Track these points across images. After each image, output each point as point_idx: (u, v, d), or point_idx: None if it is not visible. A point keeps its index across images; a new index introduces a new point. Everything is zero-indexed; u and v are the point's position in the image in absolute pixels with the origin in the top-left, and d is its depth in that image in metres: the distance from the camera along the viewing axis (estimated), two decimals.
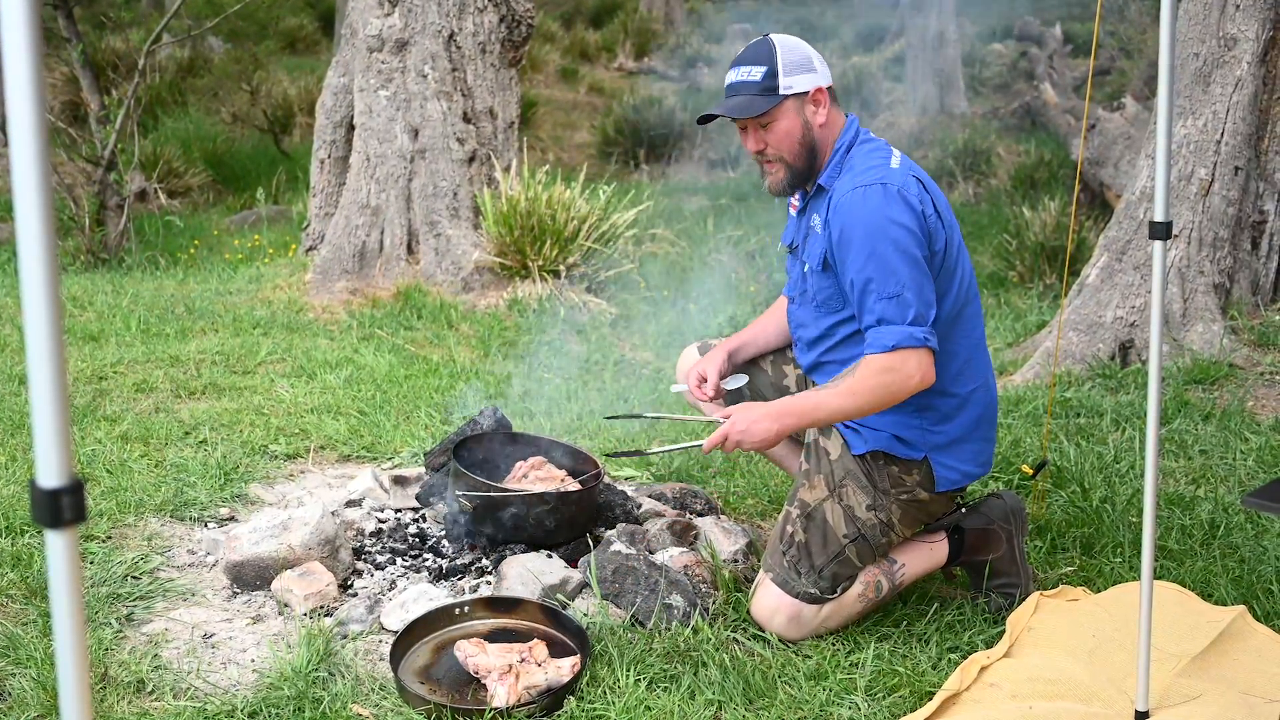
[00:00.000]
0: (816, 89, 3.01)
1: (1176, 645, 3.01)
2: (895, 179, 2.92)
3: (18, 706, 2.64)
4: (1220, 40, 5.64)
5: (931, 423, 3.05)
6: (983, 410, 3.10)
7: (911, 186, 2.92)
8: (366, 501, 3.84)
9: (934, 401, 3.04)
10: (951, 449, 3.07)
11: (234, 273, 7.52)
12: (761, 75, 2.99)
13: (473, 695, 2.79)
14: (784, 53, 3.00)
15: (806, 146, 3.05)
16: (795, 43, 3.05)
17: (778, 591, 3.05)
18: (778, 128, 3.02)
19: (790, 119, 3.01)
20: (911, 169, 3.00)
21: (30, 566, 3.27)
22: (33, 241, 1.24)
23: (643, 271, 7.15)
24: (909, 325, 2.85)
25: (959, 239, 3.06)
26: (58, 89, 12.18)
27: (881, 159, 3.00)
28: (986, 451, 3.16)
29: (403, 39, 6.93)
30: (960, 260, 3.04)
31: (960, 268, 3.04)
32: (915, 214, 2.88)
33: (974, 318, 3.11)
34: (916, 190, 2.92)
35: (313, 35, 18.98)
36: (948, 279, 2.99)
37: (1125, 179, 7.40)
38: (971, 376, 3.07)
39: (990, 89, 16.12)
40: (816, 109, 3.03)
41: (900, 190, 2.89)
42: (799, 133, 3.03)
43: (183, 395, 4.97)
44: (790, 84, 2.99)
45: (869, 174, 2.94)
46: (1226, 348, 5.44)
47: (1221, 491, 4.05)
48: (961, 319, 3.05)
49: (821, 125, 3.04)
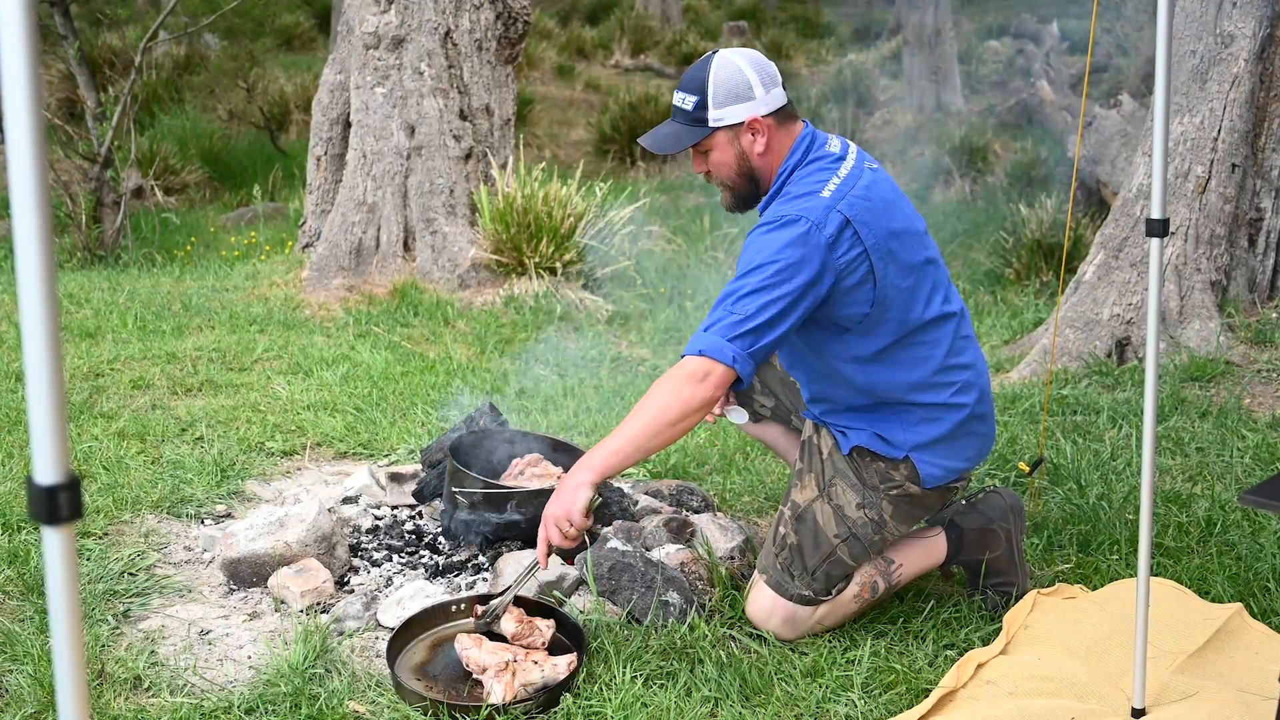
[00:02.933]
0: (751, 119, 2.91)
1: (1173, 643, 3.02)
2: (815, 213, 2.80)
3: (15, 703, 2.64)
4: (1217, 37, 5.64)
5: (911, 424, 3.02)
6: (969, 412, 3.04)
7: (831, 224, 2.79)
8: (363, 498, 3.84)
9: (909, 409, 3.01)
10: (934, 447, 3.03)
11: (230, 270, 7.52)
12: (693, 106, 2.92)
13: (469, 692, 2.79)
14: (717, 82, 2.89)
15: (744, 175, 2.99)
16: (736, 67, 2.91)
17: (771, 594, 3.05)
18: (713, 157, 2.98)
19: (723, 149, 2.96)
20: (846, 196, 2.85)
21: (27, 563, 3.27)
22: (29, 238, 1.24)
23: (639, 269, 7.14)
24: (728, 340, 2.74)
25: (909, 264, 2.92)
26: (54, 86, 12.16)
27: (818, 184, 2.88)
28: (974, 446, 3.11)
29: (399, 36, 6.93)
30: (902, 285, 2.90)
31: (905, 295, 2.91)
32: (818, 252, 2.77)
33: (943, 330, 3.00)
34: (835, 228, 2.79)
35: (309, 32, 18.96)
36: (884, 308, 2.89)
37: (1122, 176, 7.40)
38: (946, 386, 3.00)
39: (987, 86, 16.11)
40: (755, 138, 2.93)
41: (814, 224, 2.78)
42: (734, 163, 2.97)
43: (179, 392, 4.97)
44: (720, 116, 2.91)
45: (793, 203, 2.85)
46: (1223, 345, 5.45)
47: (1218, 489, 4.05)
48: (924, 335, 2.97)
49: (761, 154, 2.95)
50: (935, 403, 3.01)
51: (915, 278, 2.95)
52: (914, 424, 3.02)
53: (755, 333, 2.75)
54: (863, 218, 2.84)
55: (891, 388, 2.99)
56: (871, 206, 2.88)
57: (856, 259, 2.83)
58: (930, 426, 3.02)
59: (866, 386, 3.00)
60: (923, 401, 3.01)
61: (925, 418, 3.02)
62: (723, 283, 7.12)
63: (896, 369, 2.98)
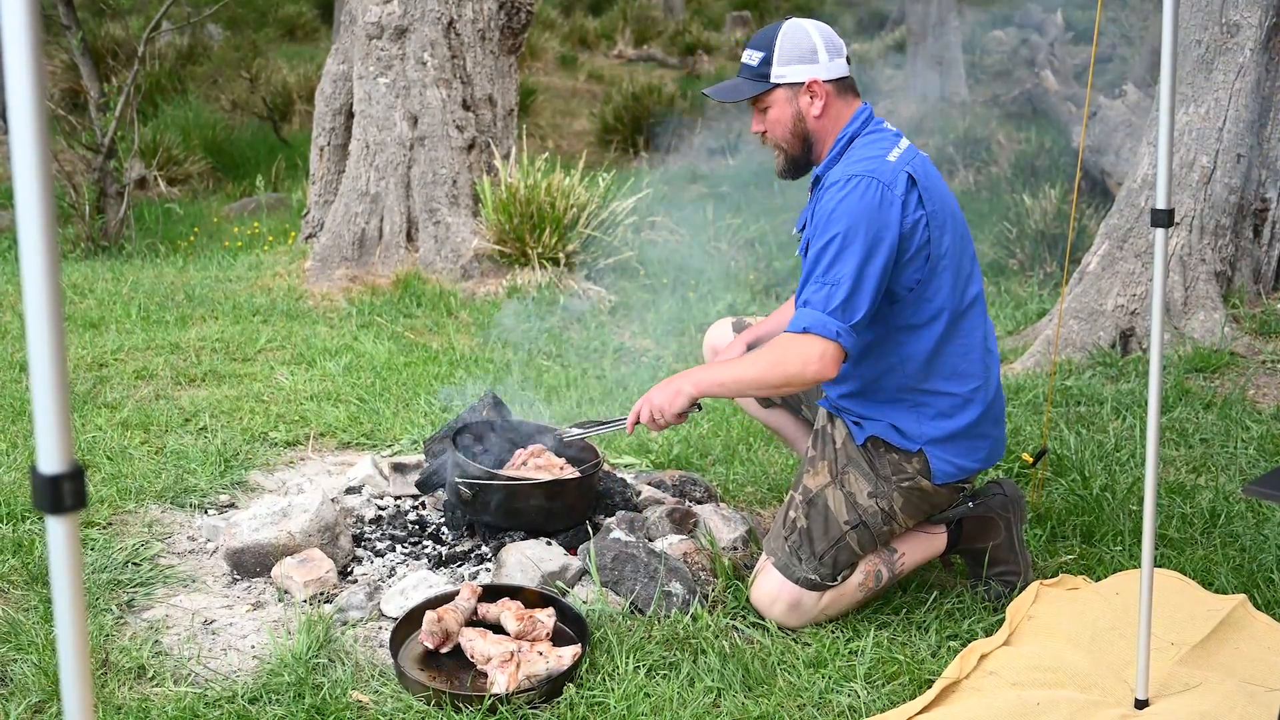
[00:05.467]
0: (811, 80, 3.00)
1: (1177, 634, 3.01)
2: (884, 173, 2.89)
3: (19, 692, 2.65)
4: (1223, 27, 5.62)
5: (928, 417, 3.04)
6: (984, 410, 3.08)
7: (900, 183, 2.89)
8: (366, 488, 3.84)
9: (930, 398, 3.03)
10: (948, 443, 3.06)
11: (233, 260, 7.52)
12: (758, 61, 3.03)
13: (472, 682, 2.79)
14: (785, 41, 3.01)
15: (799, 136, 3.07)
16: (805, 31, 3.03)
17: (779, 577, 3.06)
18: (771, 114, 3.07)
19: (781, 107, 3.05)
20: (909, 163, 2.96)
21: (31, 553, 3.27)
22: (33, 229, 1.24)
23: (642, 259, 7.14)
24: (827, 314, 2.84)
25: (956, 241, 3.00)
26: (57, 77, 12.16)
27: (881, 150, 2.98)
28: (985, 448, 3.14)
29: (402, 26, 6.92)
30: (952, 260, 2.99)
31: (952, 269, 2.99)
32: (892, 211, 2.87)
33: (974, 320, 3.07)
34: (904, 188, 2.89)
35: (312, 22, 18.95)
36: (934, 277, 2.96)
37: (1126, 166, 7.38)
38: (970, 376, 3.05)
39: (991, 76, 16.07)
40: (813, 100, 3.02)
41: (885, 185, 2.87)
42: (789, 121, 3.05)
43: (183, 382, 4.97)
44: (783, 73, 3.01)
45: (860, 164, 2.93)
46: (1228, 336, 5.44)
47: (1222, 480, 4.05)
48: (961, 320, 3.03)
49: (816, 116, 3.04)
50: (961, 391, 3.03)
51: (963, 260, 3.04)
52: (931, 418, 3.04)
53: (850, 298, 2.85)
54: (925, 182, 2.95)
55: (931, 362, 3.02)
56: (930, 174, 3.01)
57: (919, 221, 2.92)
58: (946, 421, 3.04)
59: (898, 362, 3.03)
60: (948, 391, 3.02)
61: (943, 412, 3.04)
62: (726, 275, 7.12)
63: (932, 346, 3.01)
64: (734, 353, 3.43)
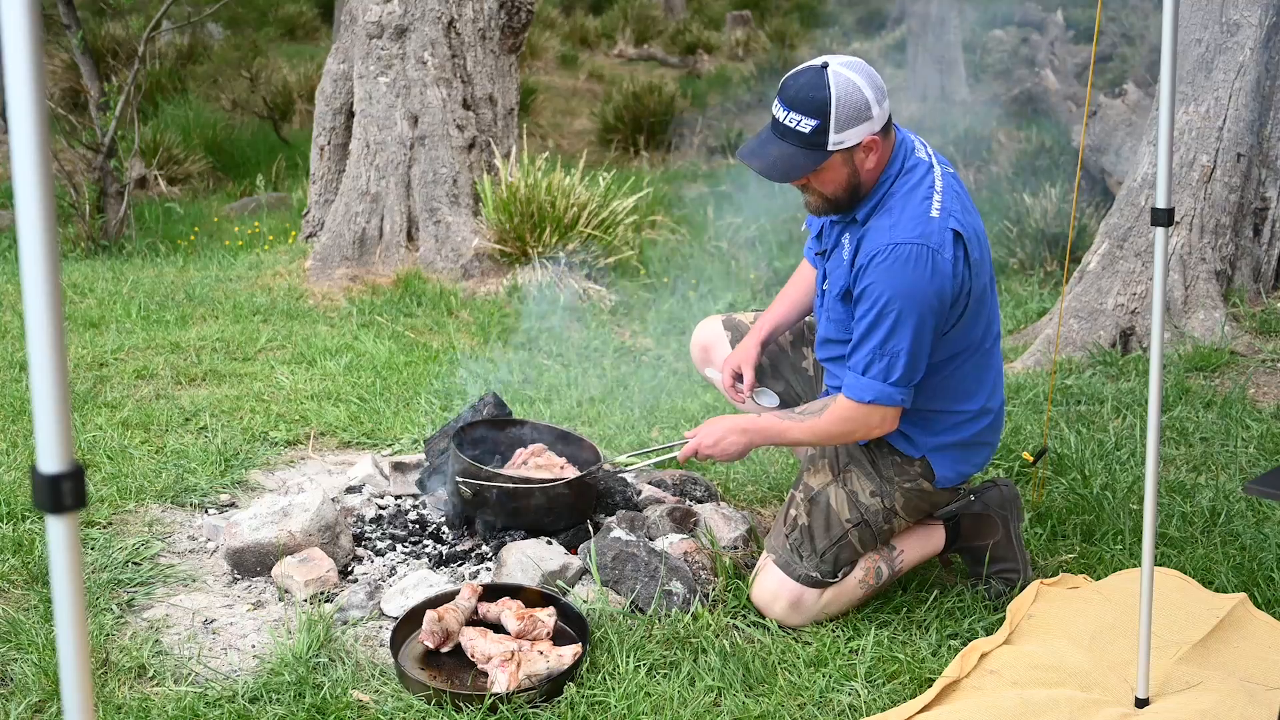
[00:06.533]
0: (870, 138, 2.81)
1: (1177, 633, 3.01)
2: (934, 237, 2.80)
3: (19, 692, 2.65)
4: (1223, 26, 5.62)
5: (935, 430, 3.07)
6: (990, 421, 3.12)
7: (948, 245, 2.81)
8: (366, 488, 3.84)
9: (939, 416, 3.05)
10: (951, 451, 3.09)
11: (234, 259, 7.51)
12: (811, 129, 2.78)
13: (473, 681, 2.79)
14: (840, 106, 2.76)
15: (850, 190, 2.90)
16: (855, 85, 2.78)
17: (780, 574, 3.06)
18: (823, 176, 2.87)
19: (836, 170, 2.85)
20: (952, 215, 2.85)
21: (31, 552, 3.27)
22: (33, 228, 1.24)
23: (642, 258, 7.14)
24: (890, 385, 2.86)
25: (987, 280, 2.98)
26: (57, 76, 12.16)
27: (923, 204, 2.85)
28: (984, 454, 3.19)
29: (402, 25, 6.91)
30: (985, 302, 2.99)
31: (985, 310, 2.99)
32: (944, 280, 2.80)
33: (993, 346, 3.10)
34: (952, 251, 2.82)
35: (312, 22, 18.94)
36: (970, 321, 2.96)
37: (1127, 166, 7.38)
38: (982, 395, 3.08)
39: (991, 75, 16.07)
40: (867, 155, 2.85)
41: (935, 253, 2.79)
42: (844, 180, 2.88)
43: (183, 382, 4.97)
44: (841, 139, 2.79)
45: (908, 228, 2.81)
46: (1228, 335, 5.44)
47: (1222, 479, 4.05)
48: (979, 351, 3.04)
49: (870, 169, 2.88)
50: (972, 409, 3.06)
51: (987, 301, 3.02)
52: (938, 430, 3.05)
53: (908, 366, 2.86)
54: (968, 232, 2.88)
55: (947, 387, 3.03)
56: (967, 211, 2.93)
57: (964, 276, 2.88)
58: (953, 433, 3.07)
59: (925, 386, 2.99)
60: (959, 409, 3.05)
61: (950, 426, 3.07)
62: (727, 274, 7.10)
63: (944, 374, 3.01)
64: (752, 356, 3.38)
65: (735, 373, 3.38)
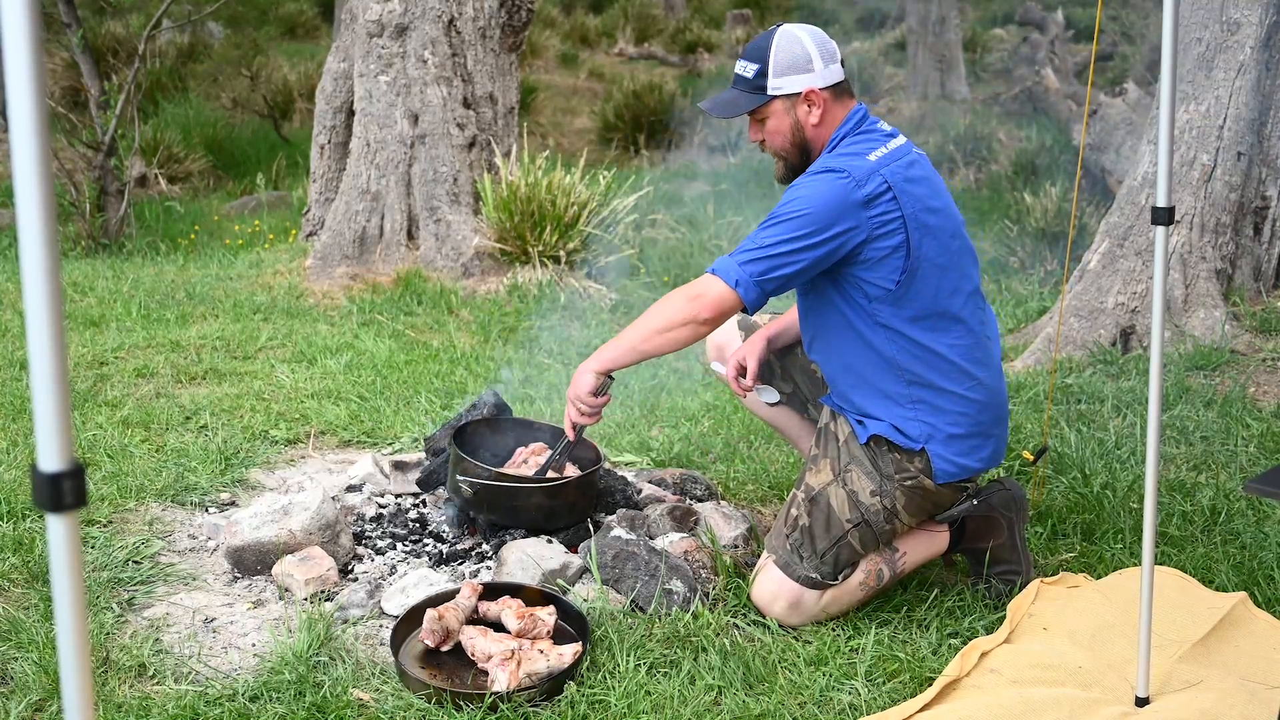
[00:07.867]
0: (809, 90, 2.99)
1: (1177, 631, 3.01)
2: (858, 170, 2.89)
3: (20, 690, 2.65)
4: (1223, 25, 5.62)
5: (925, 415, 3.04)
6: (982, 408, 3.06)
7: (871, 183, 2.87)
8: (367, 487, 3.84)
9: (925, 395, 3.02)
10: (949, 443, 3.05)
11: (234, 258, 7.52)
12: (753, 73, 3.02)
13: (473, 680, 2.79)
14: (779, 52, 2.99)
15: (797, 145, 3.07)
16: (798, 39, 3.00)
17: (779, 574, 3.06)
18: (769, 125, 3.06)
19: (779, 118, 3.04)
20: (890, 165, 2.93)
21: (31, 551, 3.27)
22: (33, 227, 1.24)
23: (643, 257, 7.14)
24: (739, 265, 2.88)
25: (945, 241, 2.96)
26: (58, 75, 12.16)
27: (864, 148, 2.96)
28: (990, 447, 3.13)
29: (403, 24, 6.91)
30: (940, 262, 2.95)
31: (938, 270, 2.95)
32: (853, 209, 2.85)
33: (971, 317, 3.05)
34: (874, 188, 2.87)
35: (312, 20, 18.94)
36: (915, 279, 2.93)
37: (1127, 164, 7.38)
38: (966, 374, 3.03)
39: (991, 74, 16.07)
40: (810, 109, 3.01)
41: (855, 182, 2.86)
42: (788, 131, 3.05)
43: (183, 380, 4.97)
44: (779, 85, 3.00)
45: (838, 159, 2.95)
46: (1228, 334, 5.44)
47: (1223, 478, 4.05)
48: (955, 319, 3.00)
49: (815, 125, 3.03)
50: (955, 390, 3.01)
51: (951, 260, 3.00)
52: (932, 419, 3.03)
53: (769, 260, 2.87)
54: (903, 186, 2.92)
55: (913, 361, 3.00)
56: (913, 179, 2.97)
57: (891, 223, 2.89)
58: (946, 420, 3.03)
59: (890, 357, 3.00)
60: (942, 386, 3.01)
61: (941, 409, 3.03)
62: None
63: (921, 342, 2.99)
64: (757, 349, 3.42)
65: (740, 366, 3.41)
